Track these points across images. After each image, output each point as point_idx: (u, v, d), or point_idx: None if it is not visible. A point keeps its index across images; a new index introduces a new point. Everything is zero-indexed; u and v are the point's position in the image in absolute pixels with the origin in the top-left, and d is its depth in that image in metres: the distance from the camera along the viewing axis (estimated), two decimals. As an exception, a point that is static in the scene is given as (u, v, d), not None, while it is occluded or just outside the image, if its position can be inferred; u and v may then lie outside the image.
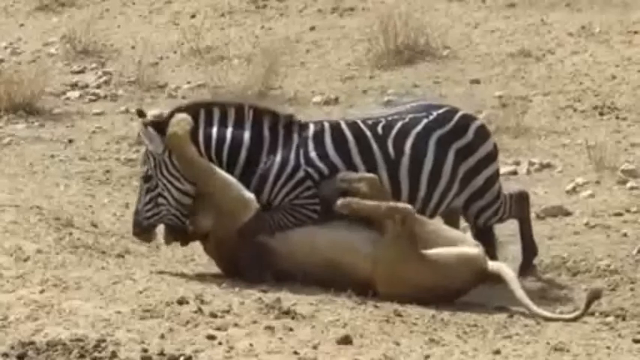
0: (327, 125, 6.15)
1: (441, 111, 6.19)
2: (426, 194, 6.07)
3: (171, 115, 6.05)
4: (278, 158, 5.99)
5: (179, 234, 6.09)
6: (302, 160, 6.01)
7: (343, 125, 6.14)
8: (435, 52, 9.72)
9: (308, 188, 5.98)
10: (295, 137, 6.05)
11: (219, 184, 5.93)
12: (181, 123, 5.97)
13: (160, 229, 6.08)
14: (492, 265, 5.83)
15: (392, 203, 5.78)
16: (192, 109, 6.07)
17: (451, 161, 6.08)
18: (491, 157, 6.18)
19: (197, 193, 6.01)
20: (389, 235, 5.67)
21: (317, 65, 9.87)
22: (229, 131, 6.01)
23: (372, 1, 10.89)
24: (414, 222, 5.72)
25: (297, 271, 5.77)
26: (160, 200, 6.03)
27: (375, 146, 6.06)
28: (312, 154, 6.02)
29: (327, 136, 6.07)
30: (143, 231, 6.05)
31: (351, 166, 6.01)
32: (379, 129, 6.11)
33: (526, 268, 6.32)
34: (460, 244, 5.81)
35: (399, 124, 6.12)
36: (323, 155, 6.02)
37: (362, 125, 6.13)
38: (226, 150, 5.99)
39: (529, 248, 6.37)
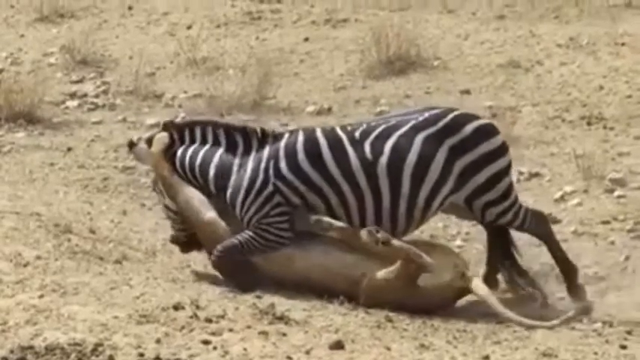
0: (301, 134, 5.97)
1: (435, 111, 6.03)
2: (411, 190, 5.88)
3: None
4: (248, 172, 5.89)
5: (181, 244, 6.25)
6: (271, 173, 5.88)
7: (318, 133, 5.96)
8: (427, 62, 9.68)
9: (278, 205, 5.86)
10: (267, 149, 5.92)
11: (183, 202, 6.05)
12: (158, 142, 6.14)
13: None
14: (472, 283, 5.83)
15: (417, 252, 5.70)
16: (178, 129, 6.15)
17: (442, 157, 5.89)
18: (495, 154, 5.98)
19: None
20: (394, 271, 5.69)
21: (310, 75, 9.86)
22: (202, 150, 6.04)
23: (365, 12, 10.88)
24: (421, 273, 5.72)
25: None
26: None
27: (350, 151, 5.89)
28: (282, 166, 5.89)
29: (299, 146, 5.92)
30: (172, 241, 6.28)
31: (326, 176, 5.87)
32: (357, 134, 5.93)
33: (572, 290, 6.10)
34: (437, 266, 5.77)
35: (382, 127, 5.95)
36: (294, 167, 5.88)
37: (339, 131, 5.97)
38: (197, 169, 6.04)
39: (567, 269, 6.14)
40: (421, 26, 10.22)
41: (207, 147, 6.07)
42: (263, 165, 5.90)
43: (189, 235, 6.18)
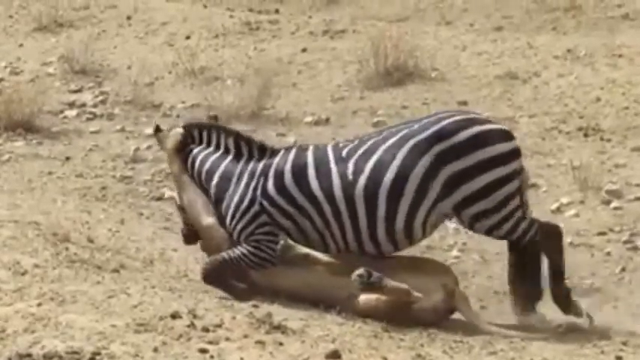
0: (292, 153, 5.90)
1: (432, 118, 5.82)
2: (389, 209, 5.71)
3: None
4: (241, 189, 5.89)
5: (185, 236, 6.29)
6: (259, 192, 5.85)
7: (309, 152, 5.87)
8: (424, 74, 9.72)
9: (264, 224, 5.83)
10: (260, 166, 5.89)
11: (187, 201, 6.09)
12: (172, 137, 6.20)
13: None
14: (456, 304, 5.82)
15: (408, 292, 5.68)
16: (197, 128, 6.20)
17: (424, 165, 5.66)
18: (493, 163, 5.68)
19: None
20: (385, 301, 5.72)
21: (308, 86, 9.91)
22: (213, 157, 6.06)
23: (363, 23, 10.94)
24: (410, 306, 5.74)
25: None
26: None
27: (334, 171, 5.79)
28: (270, 185, 5.84)
29: (287, 166, 5.84)
30: (182, 233, 6.30)
31: (310, 197, 5.80)
32: (345, 152, 5.81)
33: (566, 311, 5.85)
34: (424, 289, 5.76)
35: (371, 141, 5.80)
36: (280, 187, 5.82)
37: (329, 150, 5.85)
38: (204, 174, 6.07)
39: (559, 293, 5.87)
40: (419, 37, 10.26)
41: (218, 154, 6.07)
42: (254, 183, 5.89)
43: (192, 230, 6.21)
